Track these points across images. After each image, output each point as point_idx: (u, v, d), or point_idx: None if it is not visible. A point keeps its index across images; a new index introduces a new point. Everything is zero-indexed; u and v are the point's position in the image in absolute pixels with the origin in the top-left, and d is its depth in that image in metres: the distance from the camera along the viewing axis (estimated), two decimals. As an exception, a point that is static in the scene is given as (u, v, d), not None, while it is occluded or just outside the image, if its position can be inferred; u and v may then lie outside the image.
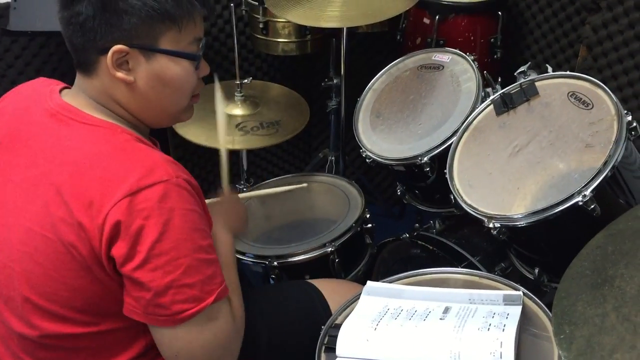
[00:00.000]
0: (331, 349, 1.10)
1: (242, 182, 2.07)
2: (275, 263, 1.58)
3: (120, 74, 1.05)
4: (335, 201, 1.78)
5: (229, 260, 1.22)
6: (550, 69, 1.47)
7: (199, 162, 2.49)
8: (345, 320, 1.15)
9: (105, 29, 1.02)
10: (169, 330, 1.03)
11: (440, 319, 1.12)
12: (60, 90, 1.14)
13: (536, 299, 1.15)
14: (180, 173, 1.03)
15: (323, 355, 1.11)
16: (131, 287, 1.01)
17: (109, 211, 0.97)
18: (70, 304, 1.04)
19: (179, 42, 1.07)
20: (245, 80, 1.96)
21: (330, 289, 1.40)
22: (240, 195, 1.46)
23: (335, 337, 1.11)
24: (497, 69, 2.07)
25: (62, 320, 1.05)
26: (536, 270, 1.41)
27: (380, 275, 1.81)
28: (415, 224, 2.15)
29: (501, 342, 1.02)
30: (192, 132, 1.83)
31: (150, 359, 1.14)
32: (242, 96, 1.94)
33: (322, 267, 1.61)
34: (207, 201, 1.32)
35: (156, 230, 0.97)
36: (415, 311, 1.15)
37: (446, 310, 1.15)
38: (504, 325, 1.07)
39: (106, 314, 1.07)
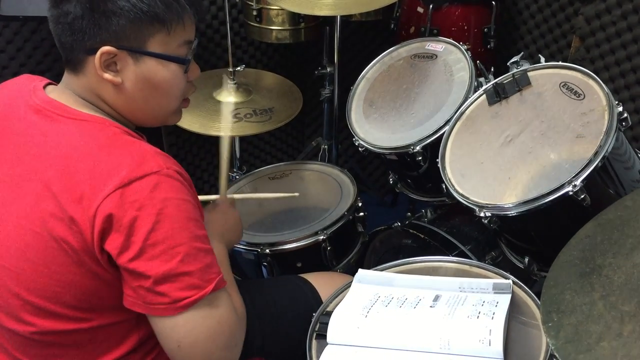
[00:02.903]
0: (322, 336, 1.11)
1: (234, 170, 2.07)
2: (267, 251, 1.58)
3: (107, 75, 1.05)
4: (328, 189, 1.78)
5: (224, 267, 1.20)
6: (543, 59, 1.47)
7: (192, 150, 2.49)
8: (336, 308, 1.16)
9: (93, 30, 1.02)
10: (170, 320, 1.02)
11: (431, 306, 1.13)
12: (45, 87, 1.12)
13: (525, 287, 1.16)
14: (171, 164, 1.02)
15: (314, 342, 1.12)
16: (129, 278, 1.01)
17: (100, 204, 0.96)
18: (61, 300, 1.04)
19: (167, 45, 1.07)
20: (238, 68, 1.96)
21: (321, 281, 1.40)
22: (230, 196, 1.42)
23: (326, 324, 1.11)
24: (490, 59, 2.08)
25: (54, 316, 1.05)
26: (526, 259, 1.42)
27: (372, 263, 1.82)
28: (407, 213, 2.17)
29: (490, 330, 1.03)
30: (186, 120, 1.82)
31: (144, 353, 1.14)
32: (235, 83, 1.94)
33: (314, 255, 1.61)
34: (205, 212, 1.30)
35: (150, 221, 0.97)
36: (406, 299, 1.16)
37: (436, 298, 1.16)
38: (493, 313, 1.08)
39: (99, 309, 1.06)
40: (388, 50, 1.80)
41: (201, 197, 1.49)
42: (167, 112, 1.15)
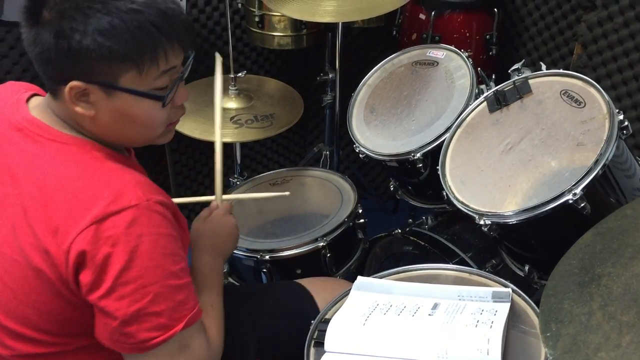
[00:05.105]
0: (320, 343, 1.11)
1: (235, 176, 2.07)
2: (267, 257, 1.58)
3: (79, 109, 0.99)
4: (328, 196, 1.78)
5: (214, 284, 1.19)
6: (544, 66, 1.47)
7: (194, 155, 2.49)
8: (335, 315, 1.15)
9: (62, 64, 0.96)
10: (138, 357, 1.01)
11: (429, 315, 1.13)
12: (29, 99, 1.08)
13: (525, 296, 1.16)
14: (152, 195, 0.98)
15: (312, 350, 1.11)
16: (98, 314, 0.99)
17: (73, 239, 0.93)
18: (40, 327, 1.02)
19: (141, 82, 0.99)
20: (239, 74, 1.96)
21: (318, 288, 1.39)
22: (224, 197, 1.37)
23: (324, 331, 1.11)
24: (492, 66, 2.08)
25: (33, 342, 1.03)
26: (526, 268, 1.42)
27: (372, 270, 1.81)
28: (408, 219, 2.17)
29: (488, 339, 1.03)
30: (187, 126, 1.83)
31: None
32: (236, 90, 1.94)
33: (313, 261, 1.61)
34: (195, 221, 1.27)
35: (123, 258, 0.94)
36: (405, 307, 1.16)
37: (435, 306, 1.15)
38: (492, 322, 1.07)
39: (77, 334, 1.04)
40: (389, 57, 1.80)
41: (197, 199, 1.49)
42: (149, 139, 1.09)
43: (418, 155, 1.53)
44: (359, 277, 1.26)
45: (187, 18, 1.06)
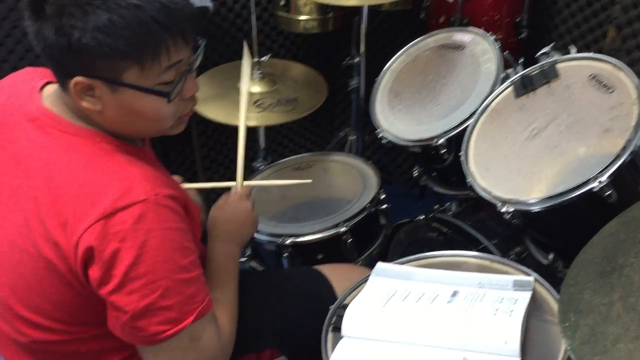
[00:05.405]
0: (338, 328, 1.10)
1: (259, 160, 2.07)
2: (288, 242, 1.58)
3: (85, 103, 0.98)
4: (351, 181, 1.77)
5: (228, 273, 1.19)
6: (574, 50, 1.43)
7: (221, 139, 2.50)
8: (353, 301, 1.15)
9: (64, 60, 0.95)
10: (149, 350, 1.02)
11: (448, 302, 1.12)
12: (43, 87, 1.08)
13: (548, 285, 1.13)
14: (161, 189, 0.97)
15: (330, 335, 1.11)
16: (109, 307, 0.99)
17: (81, 235, 0.93)
18: (53, 316, 1.03)
19: (145, 78, 0.97)
20: (263, 58, 1.95)
21: (337, 275, 1.38)
22: (246, 183, 1.36)
23: (342, 316, 1.11)
24: (522, 50, 2.03)
25: (48, 330, 1.04)
26: (551, 256, 1.39)
27: (395, 255, 1.80)
28: (434, 205, 2.14)
29: (507, 328, 1.01)
30: (210, 110, 1.83)
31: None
32: (260, 74, 1.93)
33: (335, 247, 1.61)
34: (212, 209, 1.27)
35: (132, 254, 0.93)
36: (424, 294, 1.15)
37: (454, 294, 1.14)
38: (511, 311, 1.06)
39: (90, 323, 1.05)
40: (414, 41, 1.77)
41: (218, 184, 1.50)
42: (158, 132, 1.08)
43: (441, 140, 1.51)
44: (379, 263, 1.25)
45: (193, 9, 1.03)
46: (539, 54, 1.46)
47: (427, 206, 2.22)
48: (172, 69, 0.99)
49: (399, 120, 1.65)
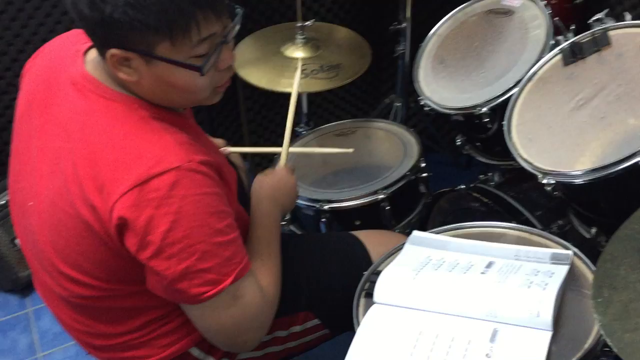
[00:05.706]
0: (371, 294, 1.11)
1: (301, 125, 2.07)
2: (326, 207, 1.59)
3: (122, 74, 1.00)
4: (392, 148, 1.76)
5: (271, 233, 1.22)
6: (628, 16, 1.36)
7: (267, 103, 2.51)
8: (386, 268, 1.16)
9: (100, 32, 0.97)
10: (194, 309, 1.06)
11: (482, 273, 1.10)
12: (87, 51, 1.09)
13: (587, 259, 1.11)
14: (194, 155, 0.99)
15: (362, 301, 1.12)
16: (149, 272, 1.03)
17: (116, 201, 0.96)
18: (92, 274, 1.06)
19: (178, 52, 0.98)
20: (307, 23, 1.93)
21: (374, 241, 1.39)
22: (291, 149, 1.40)
23: (375, 283, 1.11)
24: (578, 15, 1.94)
25: (87, 286, 1.08)
26: (593, 230, 1.35)
27: (435, 224, 1.79)
28: (480, 175, 2.11)
29: (540, 301, 1.00)
30: (253, 75, 1.83)
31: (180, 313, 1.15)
32: (304, 38, 1.91)
33: (372, 214, 1.61)
34: (258, 175, 1.30)
35: (167, 220, 0.95)
36: (458, 264, 1.14)
37: (489, 265, 1.13)
38: (546, 284, 1.04)
39: (128, 281, 1.08)
40: (462, 6, 1.72)
41: (261, 149, 1.51)
42: (194, 102, 1.09)
43: (484, 109, 1.48)
44: (415, 232, 1.24)
45: None
46: (591, 20, 1.40)
47: (474, 175, 2.19)
48: (205, 42, 0.99)
49: (442, 87, 1.62)
